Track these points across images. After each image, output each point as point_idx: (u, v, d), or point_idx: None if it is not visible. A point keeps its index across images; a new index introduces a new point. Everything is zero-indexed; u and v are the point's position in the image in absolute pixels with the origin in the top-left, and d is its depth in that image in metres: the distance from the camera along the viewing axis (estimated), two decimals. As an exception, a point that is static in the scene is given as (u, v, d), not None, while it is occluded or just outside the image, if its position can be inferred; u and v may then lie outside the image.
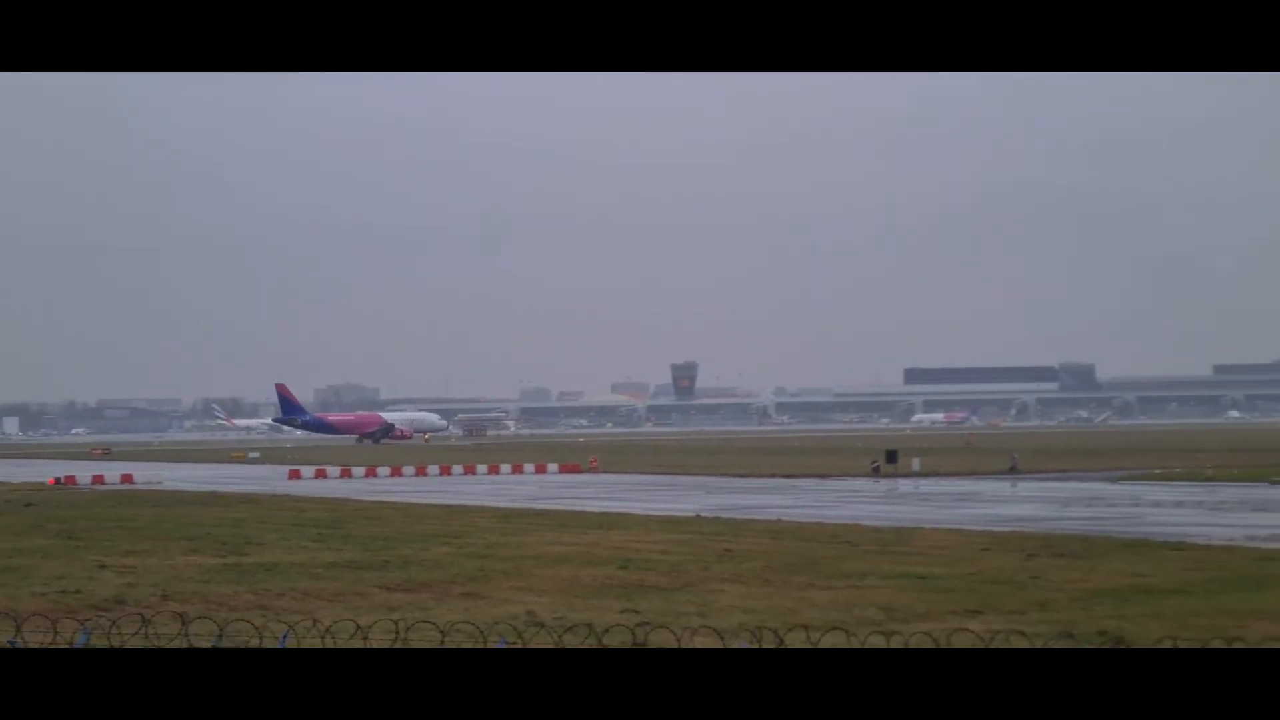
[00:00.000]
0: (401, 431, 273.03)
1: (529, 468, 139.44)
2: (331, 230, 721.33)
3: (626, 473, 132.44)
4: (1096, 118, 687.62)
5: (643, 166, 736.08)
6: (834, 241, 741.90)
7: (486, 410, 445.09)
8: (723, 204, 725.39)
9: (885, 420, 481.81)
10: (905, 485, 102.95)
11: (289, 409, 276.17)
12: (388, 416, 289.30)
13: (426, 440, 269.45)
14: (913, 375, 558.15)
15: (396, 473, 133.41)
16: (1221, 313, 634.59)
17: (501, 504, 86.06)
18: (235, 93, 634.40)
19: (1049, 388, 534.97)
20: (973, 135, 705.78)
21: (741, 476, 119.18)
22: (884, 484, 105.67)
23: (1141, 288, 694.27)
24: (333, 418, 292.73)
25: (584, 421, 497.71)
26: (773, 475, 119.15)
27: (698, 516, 71.43)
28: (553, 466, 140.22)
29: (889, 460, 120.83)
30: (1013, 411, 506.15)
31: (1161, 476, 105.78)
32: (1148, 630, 30.90)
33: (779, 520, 67.92)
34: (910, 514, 72.91)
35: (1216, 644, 18.53)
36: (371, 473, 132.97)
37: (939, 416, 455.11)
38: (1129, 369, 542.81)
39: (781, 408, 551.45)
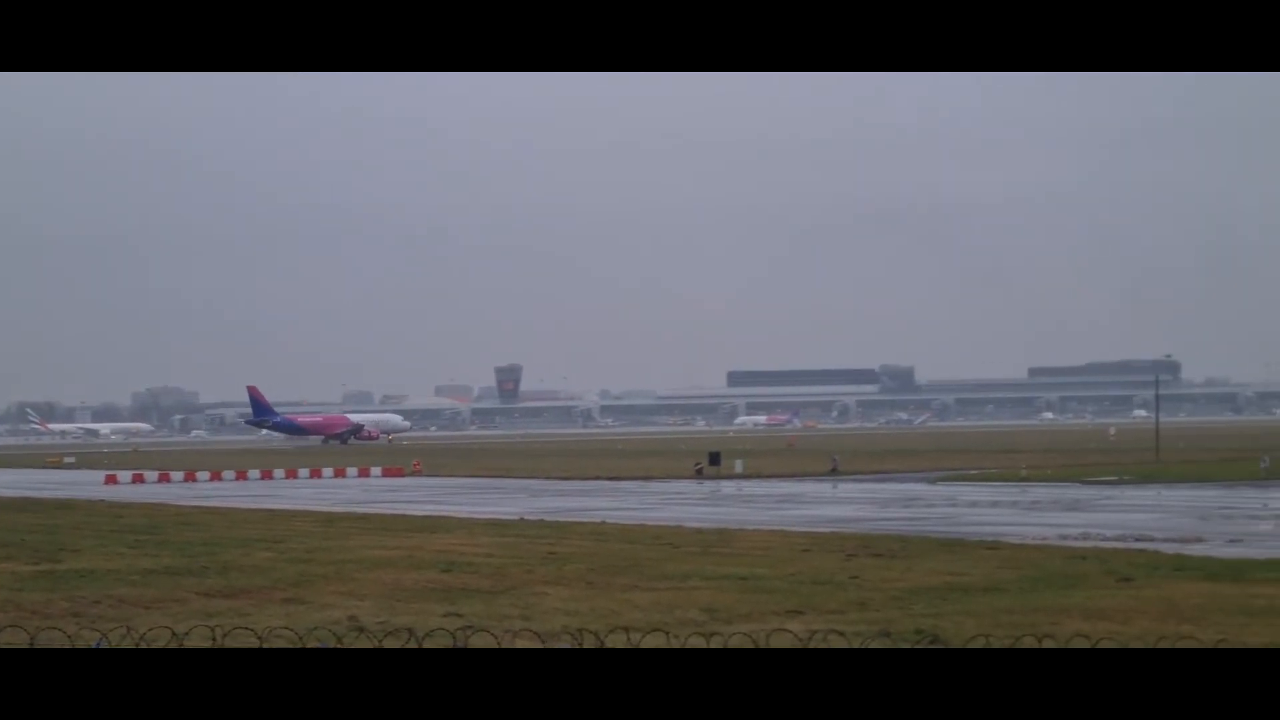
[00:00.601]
0: (369, 432, 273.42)
1: (352, 471, 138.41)
2: (159, 231, 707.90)
3: (450, 476, 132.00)
4: (916, 121, 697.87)
5: (468, 166, 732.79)
6: (654, 244, 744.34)
7: (310, 413, 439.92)
8: (545, 206, 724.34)
9: (702, 422, 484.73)
10: (728, 487, 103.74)
11: (260, 411, 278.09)
12: (355, 418, 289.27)
13: (390, 440, 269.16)
14: (735, 378, 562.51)
15: (216, 477, 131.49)
16: (1036, 317, 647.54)
17: (323, 508, 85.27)
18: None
19: (870, 390, 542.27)
20: (793, 141, 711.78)
21: (565, 479, 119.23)
22: (707, 486, 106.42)
23: (959, 292, 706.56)
24: (302, 419, 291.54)
25: (408, 424, 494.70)
26: (597, 478, 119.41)
27: (521, 519, 71.37)
28: (376, 470, 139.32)
29: (712, 462, 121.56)
30: (834, 413, 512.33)
31: (978, 477, 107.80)
32: (963, 628, 31.46)
33: (603, 523, 68.08)
34: (733, 515, 73.49)
35: (1049, 643, 18.90)
36: (191, 477, 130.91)
37: (761, 419, 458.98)
38: (947, 372, 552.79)
39: (605, 410, 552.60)
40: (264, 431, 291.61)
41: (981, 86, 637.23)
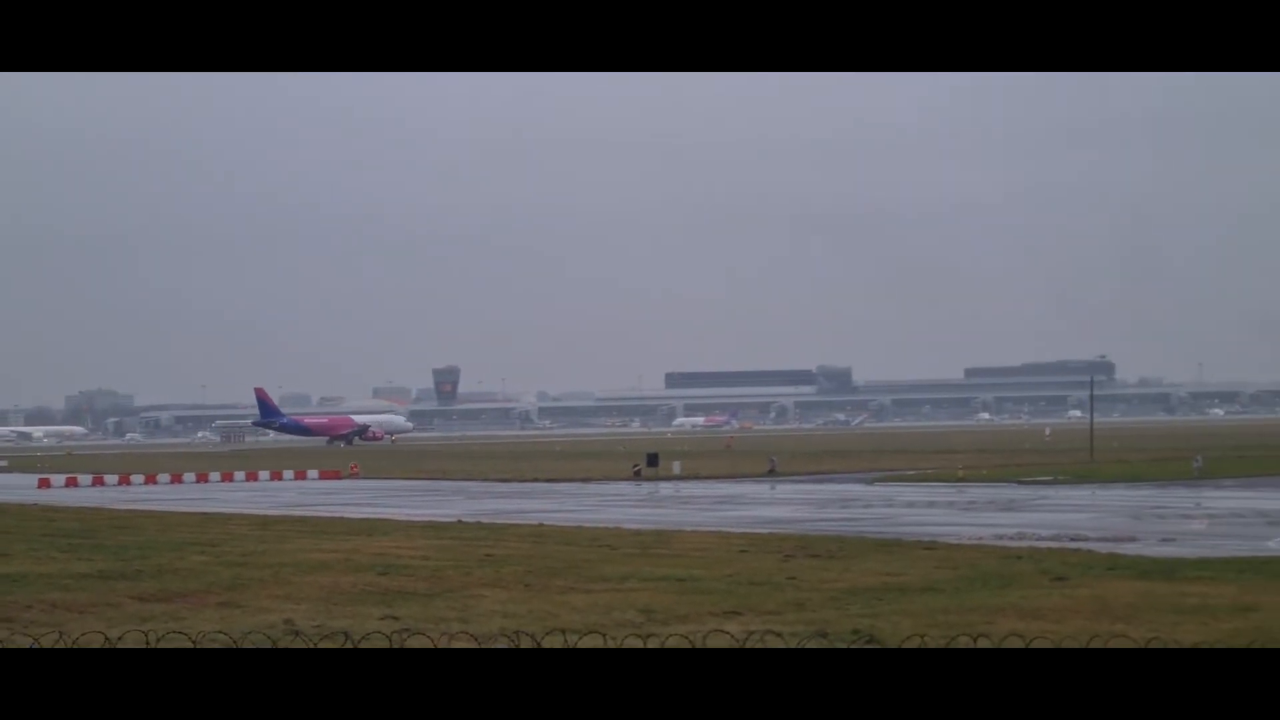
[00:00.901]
0: (374, 433, 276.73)
1: (288, 474, 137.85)
2: (93, 232, 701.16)
3: (388, 478, 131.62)
4: (852, 123, 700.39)
5: (404, 164, 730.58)
6: (590, 245, 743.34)
7: (245, 416, 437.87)
8: (483, 206, 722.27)
9: (640, 423, 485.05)
10: (666, 488, 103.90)
11: (267, 412, 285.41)
12: (359, 419, 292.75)
13: (394, 441, 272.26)
14: (673, 379, 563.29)
15: (151, 480, 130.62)
16: (972, 318, 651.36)
17: (260, 511, 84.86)
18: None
19: (807, 391, 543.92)
20: (727, 139, 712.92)
21: (504, 481, 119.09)
22: (645, 487, 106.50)
23: (896, 293, 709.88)
24: (308, 420, 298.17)
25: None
26: (535, 480, 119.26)
27: (459, 522, 71.22)
28: (313, 472, 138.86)
29: (650, 464, 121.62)
30: (772, 414, 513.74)
31: (914, 477, 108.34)
32: (899, 628, 31.60)
33: (540, 524, 68.01)
34: (671, 517, 73.60)
35: (984, 642, 19.01)
36: (125, 481, 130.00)
37: (700, 420, 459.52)
38: (884, 372, 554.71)
39: (544, 412, 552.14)
40: (271, 434, 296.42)
41: (915, 91, 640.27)
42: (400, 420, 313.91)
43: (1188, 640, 28.79)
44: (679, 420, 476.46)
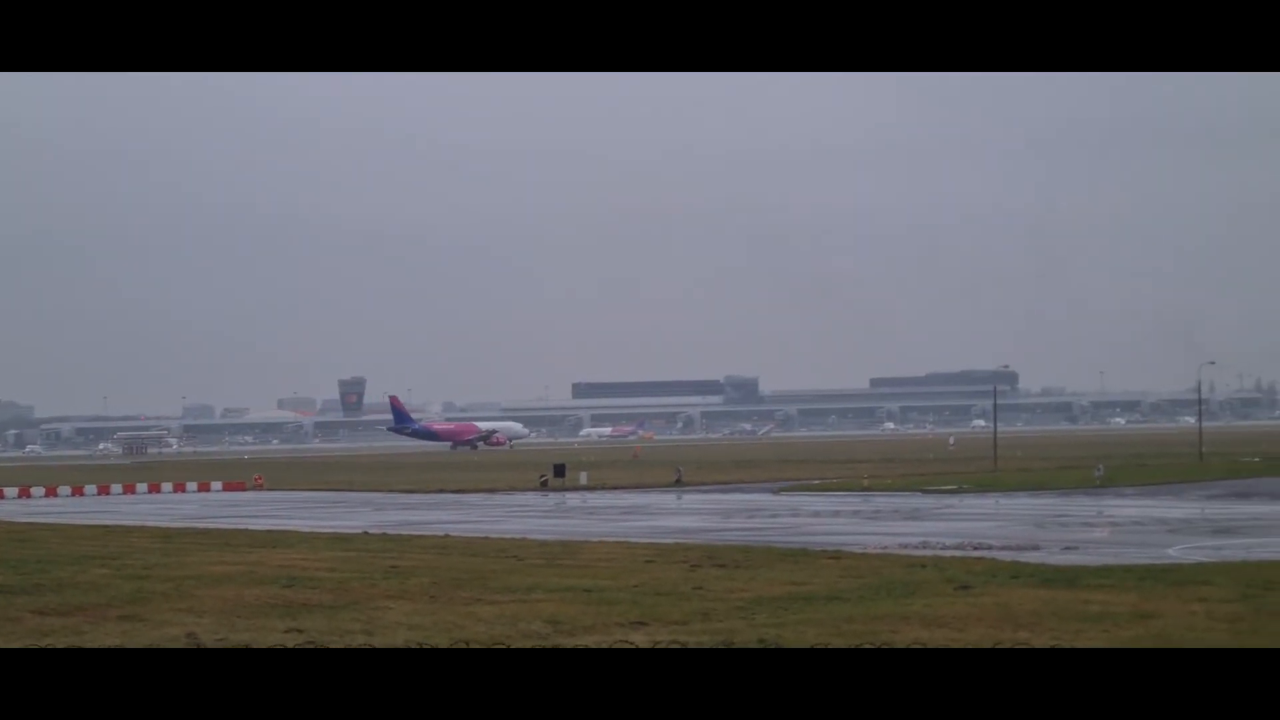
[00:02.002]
0: (497, 439, 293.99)
1: (192, 486, 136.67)
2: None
3: (293, 490, 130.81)
4: (755, 134, 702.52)
5: (311, 169, 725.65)
6: (494, 255, 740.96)
7: (147, 428, 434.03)
8: (379, 214, 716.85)
9: (547, 433, 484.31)
10: (573, 499, 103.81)
11: (400, 419, 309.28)
12: (482, 426, 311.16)
13: (511, 446, 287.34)
14: (580, 389, 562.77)
15: (51, 493, 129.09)
16: (877, 328, 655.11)
17: (162, 523, 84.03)
18: None
19: (714, 401, 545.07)
20: (629, 148, 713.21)
21: (409, 492, 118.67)
22: (552, 498, 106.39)
23: (801, 303, 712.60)
24: (437, 426, 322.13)
25: (249, 438, 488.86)
26: (441, 490, 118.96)
27: (364, 533, 70.80)
28: (216, 484, 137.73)
29: (556, 474, 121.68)
30: (679, 424, 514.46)
31: (820, 487, 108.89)
32: (804, 637, 31.72)
33: (446, 536, 67.75)
34: (577, 527, 73.53)
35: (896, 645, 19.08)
36: (25, 493, 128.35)
37: (606, 430, 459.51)
38: (790, 383, 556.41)
39: (450, 422, 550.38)
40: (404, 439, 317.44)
41: (818, 100, 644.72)
42: (519, 427, 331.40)
43: (1092, 644, 29.06)
44: (586, 431, 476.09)
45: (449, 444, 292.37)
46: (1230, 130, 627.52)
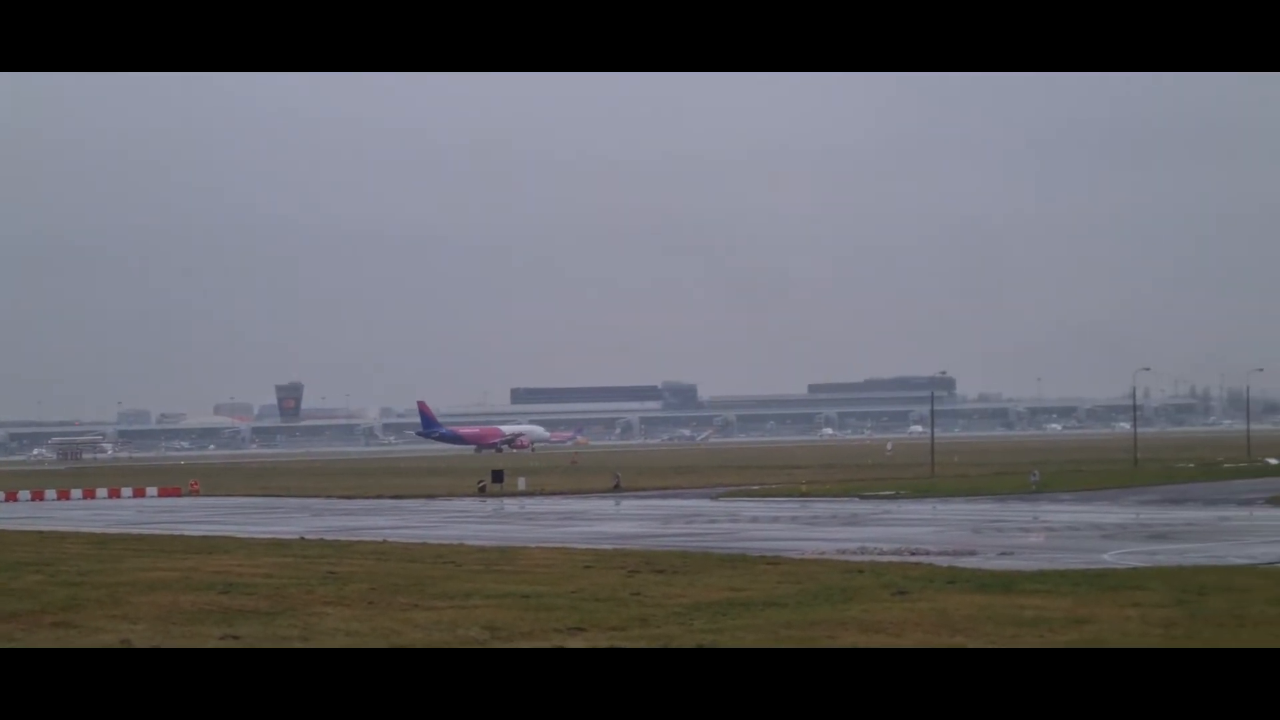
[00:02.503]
0: (522, 441, 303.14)
1: (127, 491, 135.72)
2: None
3: (229, 495, 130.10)
4: (690, 139, 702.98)
5: (227, 178, 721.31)
6: (433, 260, 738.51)
7: (82, 433, 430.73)
8: (315, 218, 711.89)
9: None
10: (511, 505, 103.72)
11: (428, 424, 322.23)
12: (507, 429, 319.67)
13: (533, 449, 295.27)
14: (519, 395, 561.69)
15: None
16: (816, 334, 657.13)
17: (97, 529, 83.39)
18: None
19: (653, 407, 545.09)
20: (566, 153, 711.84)
21: (347, 498, 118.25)
22: (490, 504, 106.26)
23: (741, 309, 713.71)
24: (463, 430, 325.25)
25: (185, 444, 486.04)
26: (379, 496, 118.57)
27: (301, 539, 70.48)
28: (152, 490, 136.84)
29: (495, 480, 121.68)
30: (617, 430, 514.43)
31: (759, 493, 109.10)
32: (743, 643, 31.77)
33: (384, 541, 67.52)
34: (515, 533, 73.45)
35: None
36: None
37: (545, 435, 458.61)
38: (729, 388, 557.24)
39: (388, 428, 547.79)
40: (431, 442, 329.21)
41: (757, 101, 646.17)
42: (540, 430, 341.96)
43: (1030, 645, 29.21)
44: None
45: (474, 447, 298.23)
46: (1157, 137, 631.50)
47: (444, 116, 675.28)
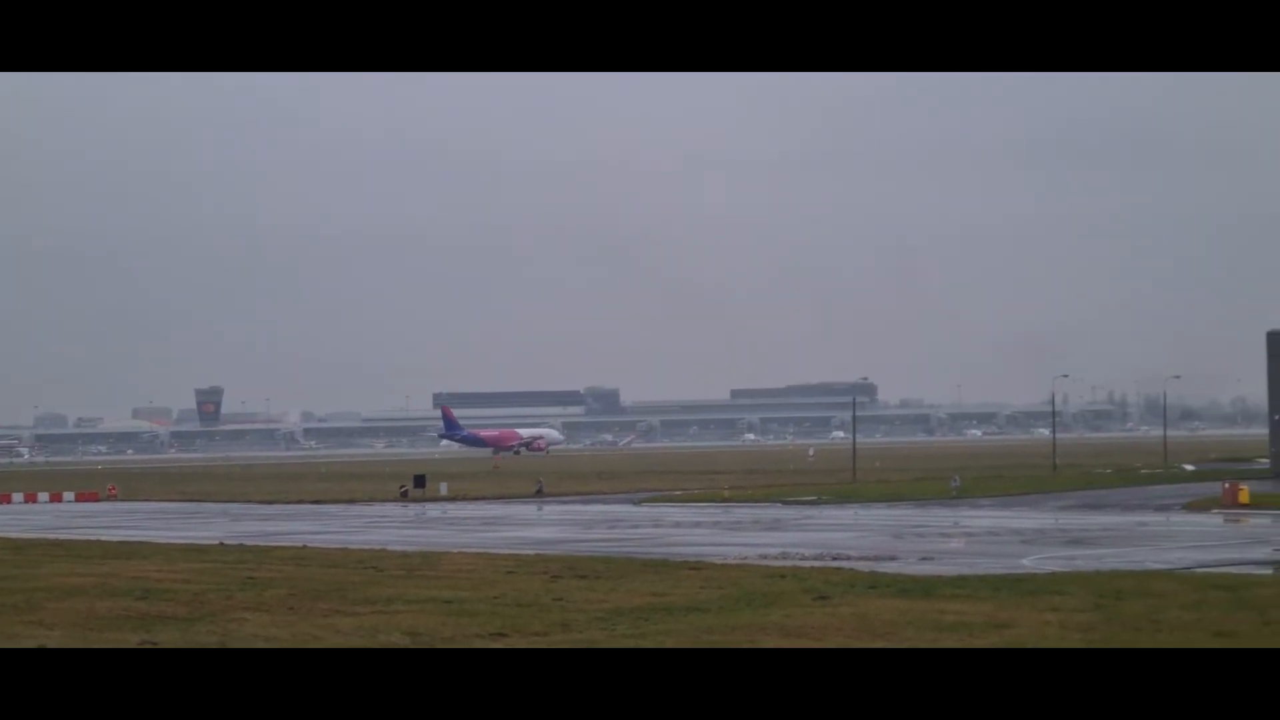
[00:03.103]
0: (538, 444, 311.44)
1: (44, 496, 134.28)
2: None
3: (148, 500, 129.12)
4: (611, 143, 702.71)
5: (143, 186, 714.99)
6: (350, 263, 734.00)
7: (3, 437, 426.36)
8: (232, 222, 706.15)
9: (403, 443, 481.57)
10: (433, 509, 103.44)
11: (450, 426, 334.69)
12: (524, 433, 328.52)
13: (547, 452, 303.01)
14: (441, 399, 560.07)
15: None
16: (738, 339, 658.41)
17: (13, 534, 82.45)
18: None
19: (575, 411, 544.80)
20: (488, 155, 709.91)
21: (267, 503, 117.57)
22: (412, 508, 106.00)
23: (663, 314, 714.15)
24: (483, 433, 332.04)
25: (103, 448, 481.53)
26: (300, 501, 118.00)
27: (220, 544, 69.96)
28: (69, 495, 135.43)
29: (417, 485, 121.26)
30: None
31: (681, 498, 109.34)
32: (665, 647, 31.77)
33: (305, 547, 67.15)
34: (437, 538, 73.20)
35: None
36: None
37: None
38: (652, 393, 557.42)
39: (309, 433, 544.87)
40: (449, 444, 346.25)
41: (685, 103, 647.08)
42: (555, 434, 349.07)
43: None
44: (447, 441, 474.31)
45: (492, 450, 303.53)
46: (1091, 142, 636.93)
47: (368, 115, 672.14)
